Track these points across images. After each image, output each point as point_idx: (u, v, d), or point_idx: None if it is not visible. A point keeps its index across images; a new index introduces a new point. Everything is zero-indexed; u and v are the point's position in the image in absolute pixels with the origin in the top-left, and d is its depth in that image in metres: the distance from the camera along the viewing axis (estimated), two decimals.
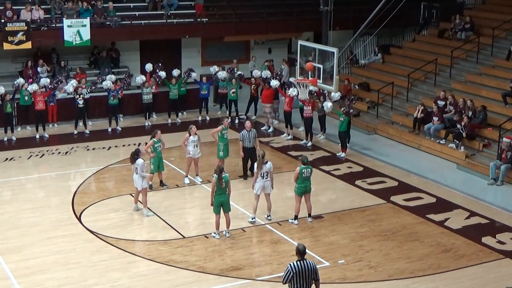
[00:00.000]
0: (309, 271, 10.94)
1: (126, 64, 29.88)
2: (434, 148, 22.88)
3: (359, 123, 25.49)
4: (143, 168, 16.94)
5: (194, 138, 19.19)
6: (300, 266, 10.91)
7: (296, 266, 10.91)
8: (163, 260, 15.05)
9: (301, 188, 16.63)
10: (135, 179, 17.13)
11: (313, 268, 11.01)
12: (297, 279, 10.89)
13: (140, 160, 16.95)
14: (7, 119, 23.72)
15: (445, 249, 15.91)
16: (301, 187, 16.61)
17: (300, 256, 11.02)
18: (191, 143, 19.17)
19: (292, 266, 10.92)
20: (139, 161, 16.94)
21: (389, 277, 14.53)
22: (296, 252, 11.08)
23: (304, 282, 10.92)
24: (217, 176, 15.71)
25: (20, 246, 15.63)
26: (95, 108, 25.61)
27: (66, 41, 26.59)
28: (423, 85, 26.80)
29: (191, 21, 29.69)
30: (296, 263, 10.96)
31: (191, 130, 19.22)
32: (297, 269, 10.89)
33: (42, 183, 19.93)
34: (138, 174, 16.93)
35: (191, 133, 19.18)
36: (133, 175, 17.24)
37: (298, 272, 10.88)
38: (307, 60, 24.46)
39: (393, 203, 18.63)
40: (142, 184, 17.05)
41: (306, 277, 10.93)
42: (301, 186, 16.62)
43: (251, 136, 19.66)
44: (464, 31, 27.87)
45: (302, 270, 10.90)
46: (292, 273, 10.89)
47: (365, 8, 30.07)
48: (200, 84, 26.87)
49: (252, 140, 19.65)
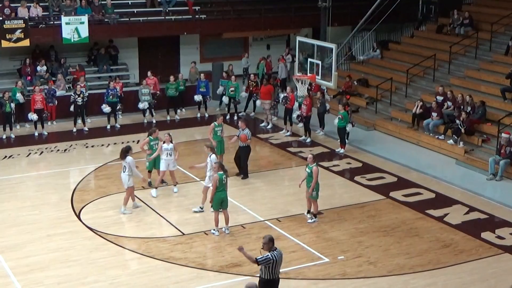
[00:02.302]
0: (281, 258, 11.83)
1: (124, 61, 29.87)
2: (433, 144, 22.88)
3: (358, 119, 25.45)
4: (133, 165, 16.99)
5: (168, 147, 18.18)
6: (277, 256, 11.68)
7: (275, 256, 11.64)
8: (162, 257, 15.06)
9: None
10: (123, 178, 17.14)
11: (281, 255, 11.92)
12: (276, 267, 11.71)
13: (129, 157, 16.97)
14: (6, 117, 23.71)
15: (445, 244, 15.92)
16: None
17: (272, 245, 11.73)
18: (164, 151, 18.21)
19: (273, 255, 11.61)
20: (129, 158, 16.96)
21: (389, 272, 14.55)
22: (268, 241, 11.72)
23: (278, 270, 11.81)
24: (222, 174, 15.72)
25: (19, 243, 15.63)
26: (93, 105, 25.57)
27: (64, 38, 26.54)
28: (422, 80, 26.79)
29: (189, 18, 29.66)
30: (274, 253, 11.66)
31: (166, 137, 18.24)
32: (276, 258, 11.64)
33: (41, 181, 19.91)
34: (133, 172, 16.93)
35: (166, 140, 18.19)
36: (121, 173, 17.24)
37: (277, 261, 11.66)
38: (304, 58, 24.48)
39: (392, 199, 18.64)
40: (128, 182, 17.07)
41: (280, 264, 11.85)
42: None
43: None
44: (463, 26, 27.86)
45: (279, 259, 11.73)
46: (272, 262, 11.60)
47: (364, 4, 30.06)
48: (198, 81, 26.85)
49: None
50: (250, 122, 26.04)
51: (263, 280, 11.74)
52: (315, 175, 16.52)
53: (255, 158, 21.93)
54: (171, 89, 26.20)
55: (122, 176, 17.14)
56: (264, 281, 11.73)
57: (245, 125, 19.75)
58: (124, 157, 17.03)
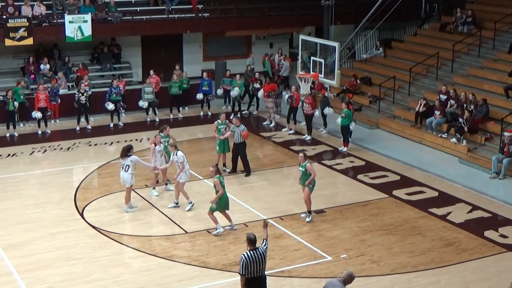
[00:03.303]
0: (258, 257, 11.55)
1: (127, 60, 29.88)
2: (436, 142, 22.87)
3: (361, 117, 25.47)
4: (139, 160, 17.07)
5: (160, 148, 18.26)
6: (251, 256, 11.49)
7: (248, 256, 11.46)
8: (165, 255, 15.08)
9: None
10: (123, 177, 17.15)
11: (263, 254, 11.66)
12: (251, 266, 11.46)
13: (133, 156, 16.99)
14: (9, 116, 23.75)
15: (448, 243, 15.92)
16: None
17: (250, 244, 11.58)
18: (157, 153, 18.19)
19: (246, 256, 11.47)
20: (133, 157, 16.98)
21: (392, 271, 14.55)
22: (247, 240, 11.61)
23: (257, 268, 11.53)
24: (220, 176, 15.79)
25: (22, 241, 15.66)
26: (97, 104, 25.59)
27: (68, 36, 26.54)
28: (425, 79, 26.77)
29: (192, 16, 29.66)
30: (250, 252, 11.50)
31: (156, 139, 18.29)
32: (249, 258, 11.46)
33: (45, 179, 19.94)
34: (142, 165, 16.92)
35: (157, 142, 18.21)
36: (121, 172, 17.25)
37: (251, 261, 11.45)
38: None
39: (395, 197, 18.64)
40: (130, 181, 17.11)
41: (258, 263, 11.55)
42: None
43: (238, 132, 19.60)
44: (466, 24, 27.83)
45: (254, 258, 11.49)
46: (243, 262, 11.44)
47: (366, 2, 30.02)
48: (201, 80, 26.87)
49: (239, 136, 19.59)
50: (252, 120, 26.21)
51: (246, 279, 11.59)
52: (312, 171, 16.53)
53: (258, 157, 21.98)
54: (174, 87, 26.22)
55: (124, 175, 17.11)
56: (246, 280, 11.58)
57: (239, 122, 19.72)
58: (126, 156, 17.02)
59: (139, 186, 18.69)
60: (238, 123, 19.65)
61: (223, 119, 20.17)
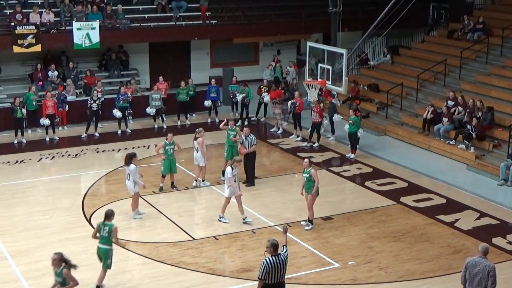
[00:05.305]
0: (281, 264, 11.54)
1: (135, 67, 29.98)
2: (444, 149, 22.82)
3: (369, 124, 25.44)
4: (136, 173, 17.00)
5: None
6: (274, 261, 11.44)
7: (270, 261, 11.41)
8: (173, 262, 15.08)
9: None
10: (128, 185, 17.17)
11: (285, 261, 11.64)
12: (273, 272, 11.43)
13: (132, 165, 16.97)
14: (17, 123, 23.82)
15: (456, 250, 15.87)
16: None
17: (274, 250, 11.50)
18: (205, 148, 18.77)
19: (268, 261, 11.43)
20: (132, 166, 16.96)
21: (399, 278, 14.51)
22: (270, 246, 11.51)
23: (278, 275, 11.51)
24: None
25: (30, 248, 15.69)
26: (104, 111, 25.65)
27: (76, 43, 26.69)
28: (433, 86, 26.74)
29: (200, 23, 29.75)
30: (272, 258, 11.46)
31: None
32: (272, 263, 11.42)
33: (53, 186, 19.99)
34: (134, 179, 16.93)
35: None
36: (126, 180, 17.27)
37: (273, 266, 11.42)
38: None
39: (403, 204, 18.60)
40: (134, 189, 17.11)
41: (279, 269, 11.53)
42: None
43: (247, 142, 19.58)
44: (475, 31, 27.80)
45: (276, 264, 11.47)
46: (265, 267, 11.40)
47: (374, 9, 30.06)
48: (209, 86, 26.91)
49: (247, 145, 19.58)
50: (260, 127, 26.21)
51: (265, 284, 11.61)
52: (316, 178, 16.51)
53: (265, 163, 21.99)
54: (182, 94, 26.27)
55: (127, 183, 17.16)
56: (265, 285, 11.60)
57: (249, 132, 19.67)
58: (129, 163, 17.04)
59: (147, 193, 18.70)
60: (248, 133, 19.60)
61: (232, 125, 20.05)
